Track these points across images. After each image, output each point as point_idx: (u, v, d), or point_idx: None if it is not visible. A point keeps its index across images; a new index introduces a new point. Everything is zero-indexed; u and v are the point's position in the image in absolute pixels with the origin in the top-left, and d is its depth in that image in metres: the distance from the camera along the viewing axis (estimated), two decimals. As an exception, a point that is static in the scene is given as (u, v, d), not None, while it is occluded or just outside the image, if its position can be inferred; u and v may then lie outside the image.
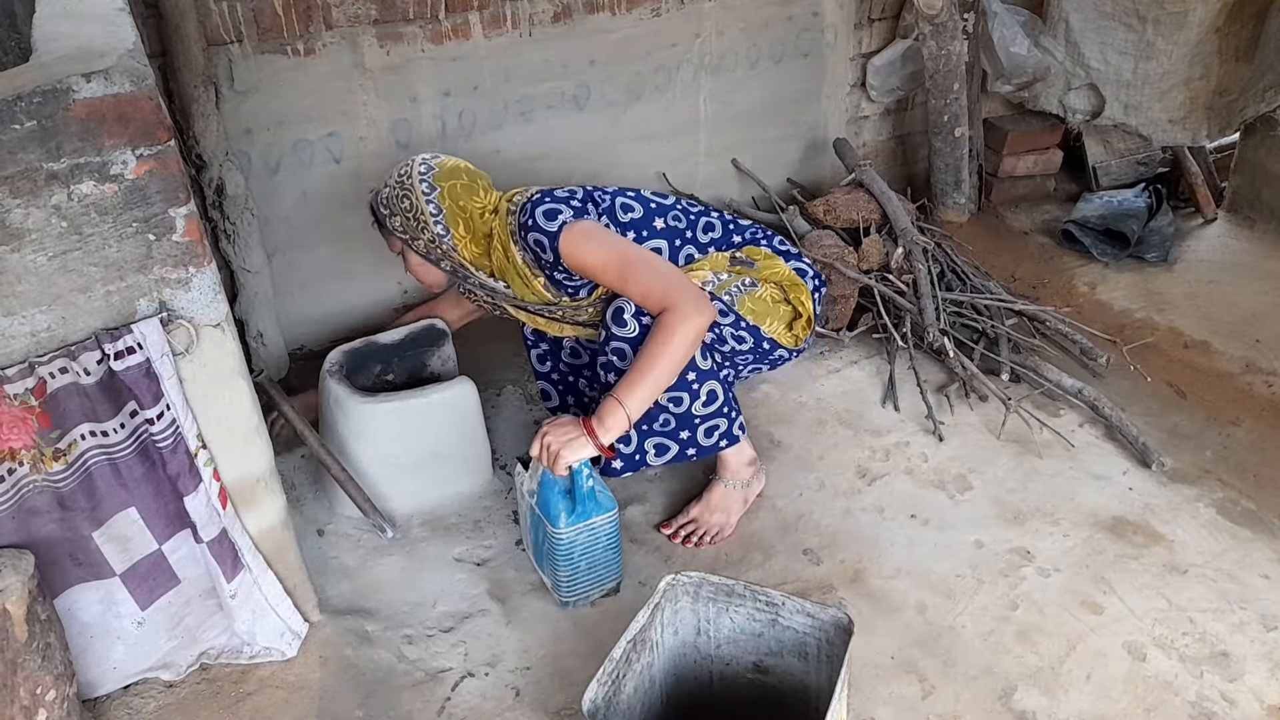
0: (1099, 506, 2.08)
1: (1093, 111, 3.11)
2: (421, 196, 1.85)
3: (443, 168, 1.88)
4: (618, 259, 1.76)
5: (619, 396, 1.71)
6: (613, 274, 1.76)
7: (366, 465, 2.03)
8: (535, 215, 1.78)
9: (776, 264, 1.99)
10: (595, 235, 1.79)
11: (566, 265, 1.79)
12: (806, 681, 1.52)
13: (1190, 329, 2.64)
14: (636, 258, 1.77)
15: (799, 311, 1.98)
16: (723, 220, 2.04)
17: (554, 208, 1.79)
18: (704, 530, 2.01)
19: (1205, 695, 1.67)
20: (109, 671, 1.63)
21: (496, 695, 1.70)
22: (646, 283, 1.74)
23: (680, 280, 1.75)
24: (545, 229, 1.77)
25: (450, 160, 1.91)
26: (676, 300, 1.71)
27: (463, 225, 1.86)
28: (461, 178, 1.87)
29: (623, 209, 1.90)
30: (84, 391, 1.35)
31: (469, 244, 1.88)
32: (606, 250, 1.77)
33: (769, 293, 1.95)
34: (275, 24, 2.24)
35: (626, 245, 1.81)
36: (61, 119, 1.21)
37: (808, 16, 2.91)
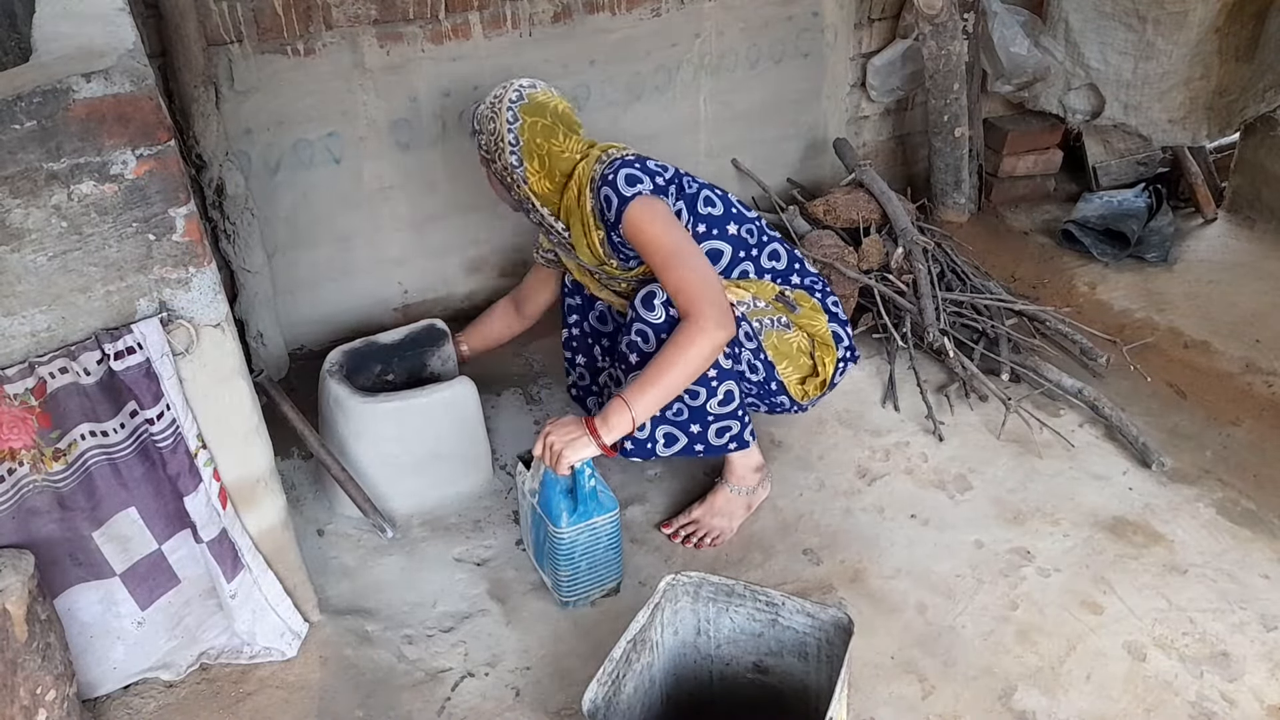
0: (1099, 506, 2.08)
1: (1092, 111, 3.11)
2: (505, 124, 1.85)
3: (532, 100, 1.87)
4: (669, 245, 1.76)
5: (626, 398, 1.70)
6: (658, 257, 1.76)
7: (366, 465, 2.03)
8: (618, 175, 1.80)
9: (818, 319, 1.98)
10: (660, 216, 1.79)
11: (623, 232, 1.80)
12: (806, 681, 1.52)
13: (1190, 329, 2.64)
14: (686, 252, 1.77)
15: (818, 370, 1.96)
16: (790, 256, 2.03)
17: (637, 175, 1.81)
18: (704, 532, 2.01)
19: (1205, 695, 1.67)
20: (109, 671, 1.63)
21: (496, 695, 1.70)
22: (684, 279, 1.73)
23: (714, 291, 1.74)
24: (620, 191, 1.78)
25: (543, 95, 1.89)
26: (703, 309, 1.70)
27: (538, 161, 1.86)
28: (545, 117, 1.86)
29: (705, 201, 1.91)
30: (84, 391, 1.35)
31: (541, 179, 1.88)
32: (663, 233, 1.77)
33: (798, 340, 1.94)
34: (275, 24, 2.24)
35: (684, 238, 1.80)
36: (61, 119, 1.21)
37: (808, 16, 2.91)
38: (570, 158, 1.87)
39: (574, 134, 1.89)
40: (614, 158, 1.86)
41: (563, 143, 1.87)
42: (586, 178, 1.85)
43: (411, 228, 2.63)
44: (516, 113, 1.86)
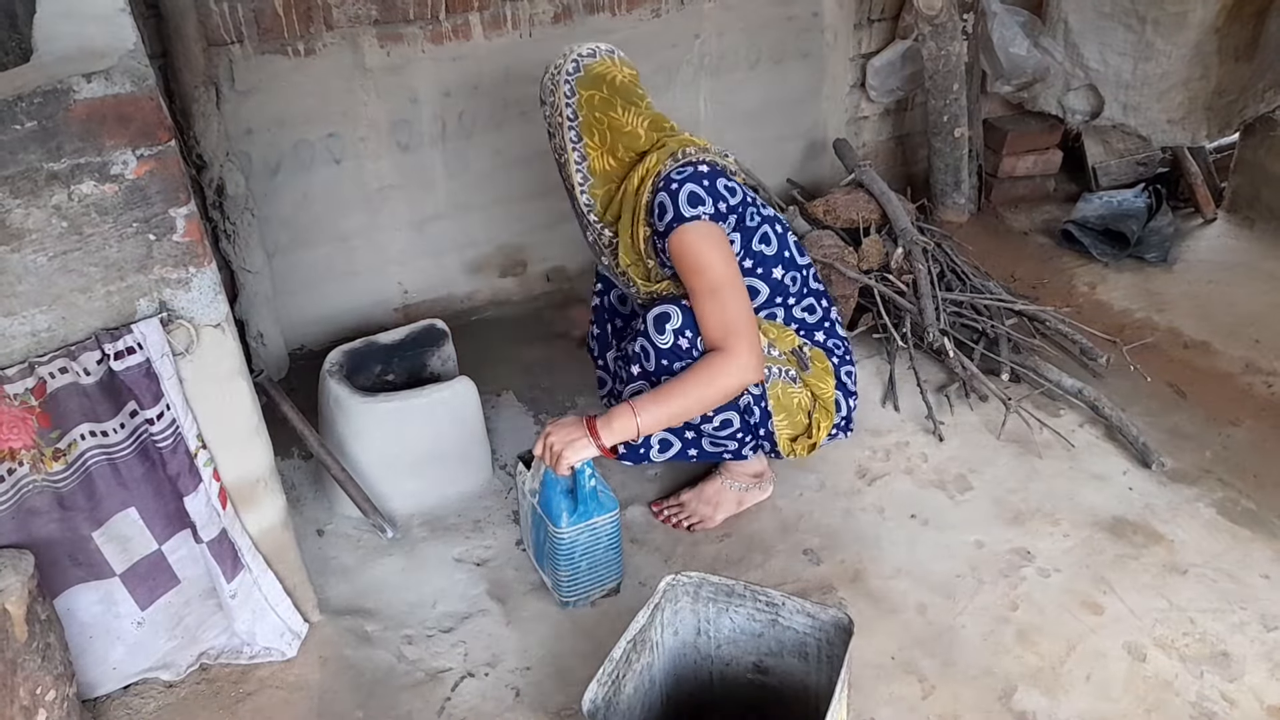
0: (1099, 506, 2.08)
1: (1092, 112, 3.11)
2: (563, 98, 1.79)
3: (589, 73, 1.78)
4: (715, 276, 1.70)
5: (635, 406, 1.69)
6: (700, 283, 1.70)
7: (366, 465, 2.03)
8: (683, 188, 1.71)
9: (827, 382, 1.93)
10: (711, 243, 1.71)
11: (669, 247, 1.73)
12: (806, 681, 1.52)
13: (1190, 329, 2.64)
14: (730, 286, 1.71)
15: (811, 432, 1.91)
16: (825, 313, 1.99)
17: (701, 195, 1.71)
18: (686, 514, 2.03)
19: (1205, 695, 1.67)
20: (109, 671, 1.63)
21: (496, 695, 1.70)
22: (723, 314, 1.69)
23: (751, 333, 1.71)
24: (679, 208, 1.70)
25: (602, 65, 1.79)
26: (738, 349, 1.68)
27: (598, 135, 1.78)
28: (602, 89, 1.77)
29: (762, 238, 1.84)
30: (84, 391, 1.35)
31: (603, 155, 1.80)
32: (711, 261, 1.70)
33: (802, 397, 1.89)
34: (276, 24, 2.24)
35: (734, 271, 1.73)
36: (62, 119, 1.21)
37: (808, 17, 2.91)
38: (634, 132, 1.79)
39: (635, 106, 1.79)
40: (688, 159, 1.76)
41: (622, 116, 1.77)
42: (654, 170, 1.76)
43: (411, 228, 2.64)
44: (574, 86, 1.78)
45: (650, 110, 1.83)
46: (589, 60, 1.79)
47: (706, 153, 1.81)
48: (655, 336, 1.74)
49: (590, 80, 1.77)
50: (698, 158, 1.77)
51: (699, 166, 1.75)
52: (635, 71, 1.84)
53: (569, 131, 1.80)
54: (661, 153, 1.78)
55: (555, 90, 1.80)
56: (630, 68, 1.83)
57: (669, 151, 1.77)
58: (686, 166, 1.74)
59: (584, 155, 1.81)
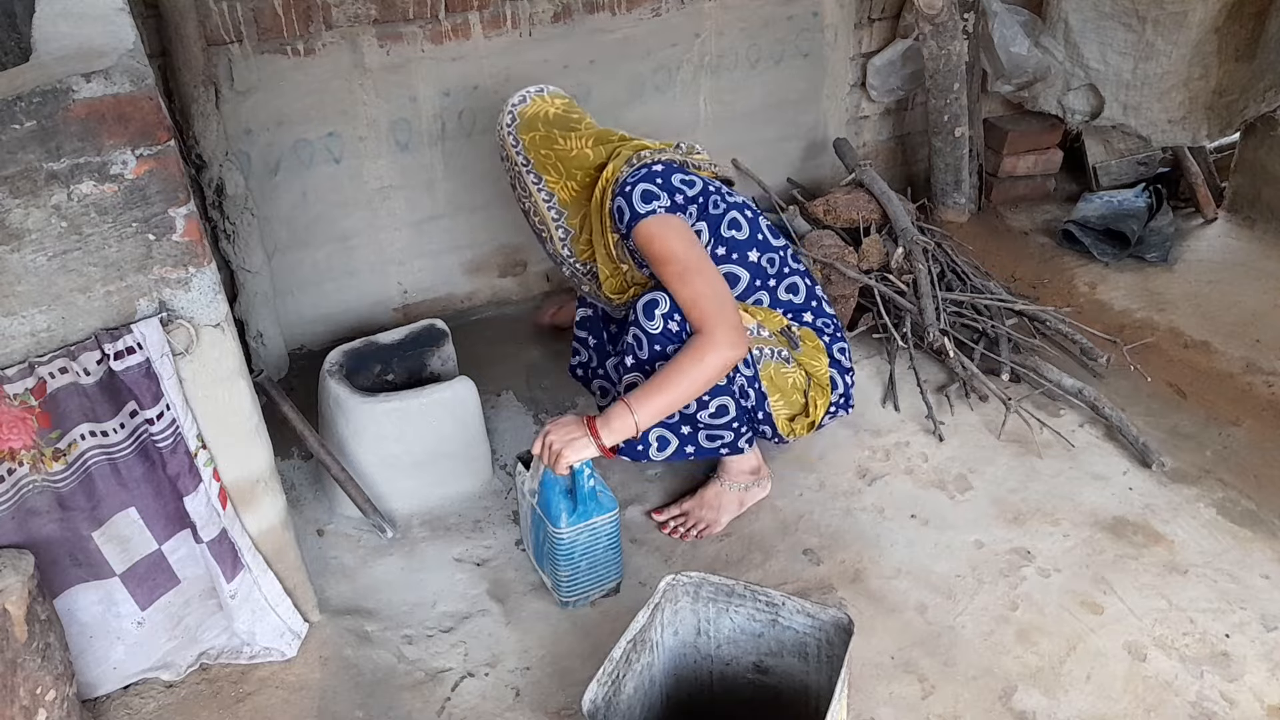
0: (1099, 506, 2.08)
1: (1092, 112, 3.11)
2: (512, 150, 1.88)
3: (523, 118, 1.88)
4: (682, 260, 1.74)
5: (630, 403, 1.70)
6: (671, 270, 1.74)
7: (366, 465, 2.03)
8: (636, 188, 1.77)
9: (820, 359, 1.96)
10: (673, 232, 1.76)
11: (634, 244, 1.78)
12: (806, 681, 1.52)
13: (1190, 329, 2.64)
14: (701, 268, 1.75)
15: (809, 410, 1.94)
16: (810, 292, 2.00)
17: (654, 191, 1.77)
18: (692, 523, 2.02)
19: (1205, 695, 1.67)
20: (109, 671, 1.63)
21: (496, 695, 1.70)
22: (700, 294, 1.72)
23: (729, 309, 1.74)
24: (634, 206, 1.76)
25: (533, 107, 1.89)
26: (717, 326, 1.70)
27: (552, 170, 1.86)
28: (539, 129, 1.86)
29: (730, 224, 1.88)
30: (84, 391, 1.35)
31: (564, 185, 1.86)
32: (676, 248, 1.74)
33: (795, 376, 1.91)
34: (275, 24, 2.24)
35: (699, 254, 1.77)
36: (61, 119, 1.21)
37: (808, 16, 2.91)
38: (583, 153, 1.85)
39: (574, 131, 1.86)
40: (642, 162, 1.81)
41: (565, 144, 1.85)
42: (612, 179, 1.82)
43: (411, 228, 2.64)
44: (515, 134, 1.88)
45: (591, 128, 1.89)
46: (520, 107, 1.90)
47: (663, 153, 1.86)
48: (645, 323, 1.76)
49: (526, 124, 1.87)
50: (652, 159, 1.82)
51: (653, 166, 1.81)
52: (567, 99, 1.93)
53: (528, 176, 1.88)
54: (617, 161, 1.82)
55: (504, 144, 1.91)
56: (561, 98, 1.92)
57: (624, 159, 1.82)
58: (640, 169, 1.80)
59: (550, 192, 1.88)
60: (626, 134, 1.93)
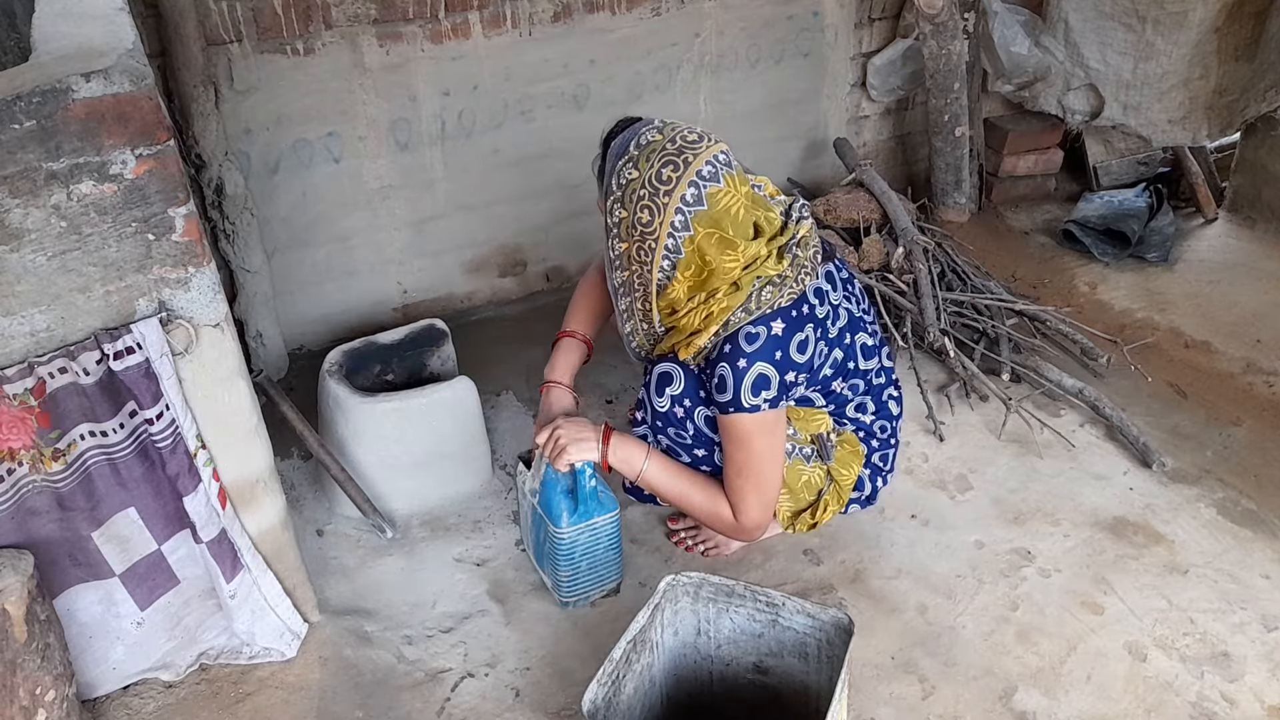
0: (1099, 506, 2.08)
1: (1092, 112, 3.11)
2: (666, 226, 1.54)
3: (712, 205, 1.53)
4: (756, 456, 1.69)
5: (650, 458, 1.75)
6: (739, 457, 1.69)
7: (366, 465, 2.03)
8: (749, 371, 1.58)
9: (852, 468, 1.92)
10: (764, 434, 1.66)
11: (718, 419, 1.69)
12: (806, 682, 1.52)
13: (1191, 329, 2.64)
14: (762, 471, 1.71)
15: (814, 512, 1.91)
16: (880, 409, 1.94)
17: (767, 379, 1.60)
18: (702, 539, 2.00)
19: (1206, 695, 1.67)
20: (108, 672, 1.63)
21: (496, 695, 1.70)
22: (744, 492, 1.72)
23: (764, 513, 1.75)
24: (738, 394, 1.60)
25: (725, 195, 1.54)
26: (744, 521, 1.75)
27: (694, 270, 1.59)
28: (724, 229, 1.55)
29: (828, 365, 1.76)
30: (83, 391, 1.35)
31: (683, 285, 1.61)
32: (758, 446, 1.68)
33: (812, 476, 1.88)
34: (275, 23, 2.24)
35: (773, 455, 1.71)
36: (61, 119, 1.21)
37: (808, 16, 2.91)
38: (732, 270, 1.58)
39: (748, 238, 1.60)
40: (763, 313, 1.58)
41: (737, 253, 1.57)
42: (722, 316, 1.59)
43: (411, 228, 2.63)
44: (689, 219, 1.53)
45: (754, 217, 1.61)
46: (711, 187, 1.53)
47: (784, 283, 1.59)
48: (654, 398, 1.75)
49: (713, 219, 1.54)
50: (774, 303, 1.59)
51: (773, 326, 1.58)
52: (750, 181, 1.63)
53: (662, 259, 1.58)
54: (734, 299, 1.58)
55: (657, 212, 1.53)
56: (745, 183, 1.60)
57: (743, 296, 1.58)
58: (759, 325, 1.58)
59: (668, 280, 1.62)
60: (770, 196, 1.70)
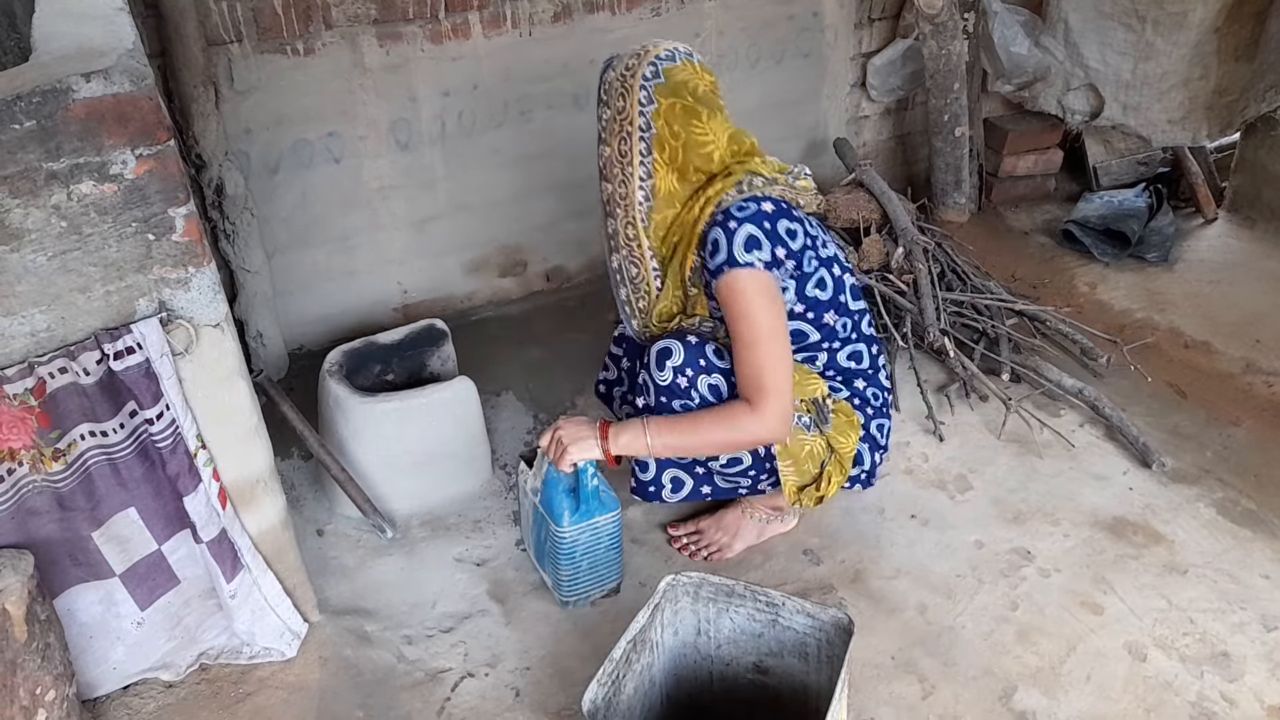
0: (1099, 506, 2.08)
1: (1092, 112, 3.11)
2: (636, 105, 1.65)
3: (670, 80, 1.65)
4: (760, 326, 1.62)
5: (649, 427, 1.67)
6: (744, 331, 1.63)
7: (366, 465, 2.03)
8: (741, 228, 1.61)
9: (849, 437, 1.83)
10: (759, 294, 1.62)
11: (716, 289, 1.66)
12: (806, 682, 1.52)
13: (1191, 329, 2.64)
14: (770, 341, 1.63)
15: (820, 485, 1.82)
16: (872, 361, 1.89)
17: (757, 239, 1.62)
18: (704, 544, 1.99)
19: (1206, 695, 1.67)
20: (108, 672, 1.63)
21: (496, 695, 1.70)
22: (763, 367, 1.62)
23: (783, 393, 1.63)
24: (732, 251, 1.61)
25: (683, 72, 1.66)
26: (765, 408, 1.61)
27: (668, 151, 1.66)
28: (684, 98, 1.64)
29: (818, 283, 1.75)
30: (83, 391, 1.35)
31: (669, 175, 1.68)
32: (759, 312, 1.62)
33: (814, 446, 1.78)
34: (275, 24, 2.24)
35: (776, 325, 1.64)
36: (61, 119, 1.21)
37: (808, 16, 2.91)
38: (710, 152, 1.66)
39: (719, 114, 1.68)
40: (754, 191, 1.66)
41: (706, 125, 1.65)
42: (714, 199, 1.66)
43: (411, 228, 2.63)
44: (652, 92, 1.64)
45: (728, 123, 1.71)
46: (668, 64, 1.66)
47: (775, 183, 1.71)
48: (655, 372, 1.72)
49: (672, 88, 1.65)
50: (764, 191, 1.68)
51: (763, 204, 1.66)
52: (714, 79, 1.73)
53: (638, 143, 1.67)
54: (727, 182, 1.67)
55: (627, 94, 1.66)
56: (710, 74, 1.71)
57: (734, 181, 1.67)
58: (750, 202, 1.65)
59: (650, 171, 1.69)
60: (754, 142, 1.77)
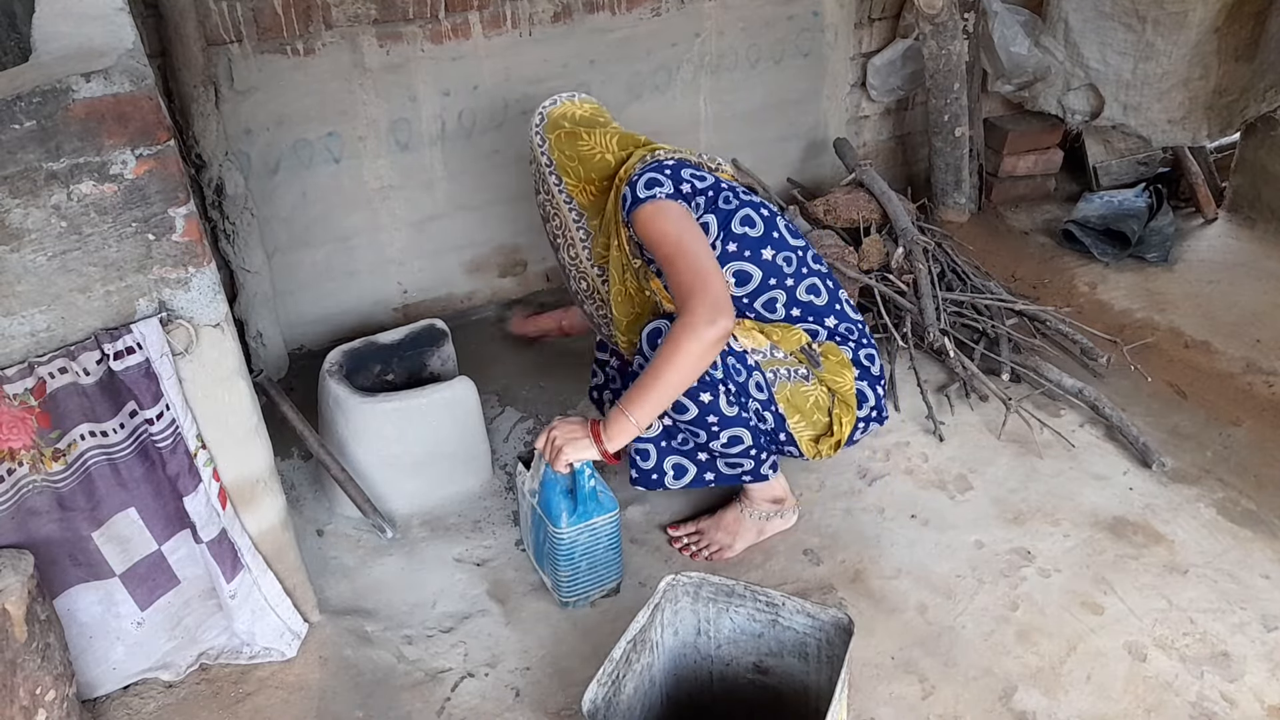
0: (1099, 506, 2.08)
1: (1092, 112, 3.11)
2: (538, 151, 1.89)
3: (550, 117, 1.89)
4: (673, 240, 1.67)
5: (624, 408, 1.66)
6: (661, 254, 1.68)
7: (366, 465, 2.03)
8: (642, 177, 1.74)
9: (844, 375, 1.83)
10: (667, 215, 1.70)
11: (634, 231, 1.74)
12: (806, 682, 1.52)
13: (1191, 329, 2.64)
14: (685, 247, 1.66)
15: (833, 429, 1.83)
16: (833, 295, 1.89)
17: (658, 179, 1.74)
18: (705, 544, 1.99)
19: (1206, 695, 1.67)
20: (108, 672, 1.63)
21: (496, 695, 1.70)
22: (680, 276, 1.64)
23: (706, 283, 1.62)
24: (636, 192, 1.72)
25: (562, 107, 1.91)
26: (692, 305, 1.60)
27: (571, 173, 1.85)
28: (565, 125, 1.86)
29: (744, 220, 1.80)
30: (83, 391, 1.35)
31: (583, 188, 1.86)
32: (669, 229, 1.68)
33: (817, 394, 1.81)
34: (275, 24, 2.24)
35: (690, 235, 1.68)
36: (61, 119, 1.21)
37: (808, 16, 2.91)
38: (604, 157, 1.83)
39: (598, 128, 1.86)
40: (655, 159, 1.79)
41: (589, 140, 1.84)
42: (625, 177, 1.79)
43: (411, 228, 2.63)
44: (542, 134, 1.88)
45: (617, 130, 1.88)
46: (550, 108, 1.91)
47: (679, 152, 1.84)
48: (650, 352, 1.73)
49: (552, 123, 1.88)
50: (665, 156, 1.81)
51: (664, 161, 1.79)
52: (596, 104, 1.94)
53: (550, 177, 1.88)
54: (631, 160, 1.81)
55: (531, 145, 1.92)
56: (590, 103, 1.94)
57: (638, 158, 1.81)
58: (652, 164, 1.78)
59: (569, 195, 1.88)
60: (651, 140, 1.89)
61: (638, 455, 1.83)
